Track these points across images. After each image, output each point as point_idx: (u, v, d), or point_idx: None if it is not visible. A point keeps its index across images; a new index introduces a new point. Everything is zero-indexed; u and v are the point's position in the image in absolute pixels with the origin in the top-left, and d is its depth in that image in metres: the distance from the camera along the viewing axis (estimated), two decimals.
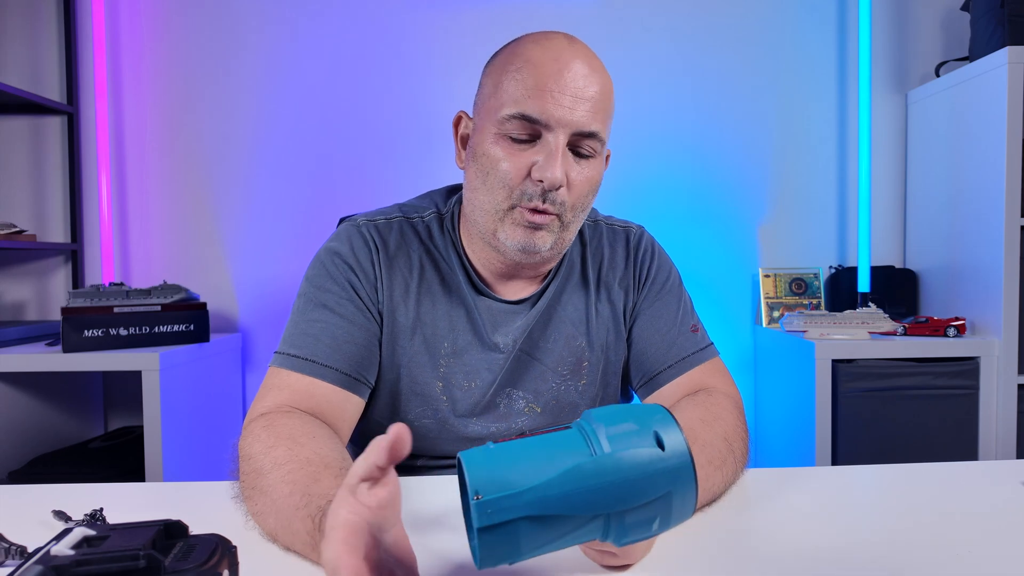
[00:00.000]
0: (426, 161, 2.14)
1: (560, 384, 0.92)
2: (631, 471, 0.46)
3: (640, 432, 0.48)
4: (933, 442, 1.80)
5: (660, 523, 0.48)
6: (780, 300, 2.15)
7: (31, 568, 0.40)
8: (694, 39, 2.18)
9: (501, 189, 0.81)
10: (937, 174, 2.05)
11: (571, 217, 0.84)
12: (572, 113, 0.78)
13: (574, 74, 0.79)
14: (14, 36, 2.12)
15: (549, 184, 0.78)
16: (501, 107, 0.80)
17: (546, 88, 0.78)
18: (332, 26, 2.14)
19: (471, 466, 0.46)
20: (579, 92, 0.79)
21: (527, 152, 0.80)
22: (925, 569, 0.57)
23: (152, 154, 2.15)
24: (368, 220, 0.93)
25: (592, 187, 0.84)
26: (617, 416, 0.49)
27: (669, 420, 0.49)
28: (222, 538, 0.46)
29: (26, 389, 1.87)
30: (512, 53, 0.83)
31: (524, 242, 0.82)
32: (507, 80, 0.80)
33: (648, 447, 0.47)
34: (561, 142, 0.79)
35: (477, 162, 0.83)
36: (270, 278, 2.16)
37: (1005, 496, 0.75)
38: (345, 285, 0.87)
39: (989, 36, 1.87)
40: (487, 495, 0.44)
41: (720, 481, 0.73)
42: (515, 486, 0.44)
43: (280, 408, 0.77)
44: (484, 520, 0.43)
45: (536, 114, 0.78)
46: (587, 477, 0.45)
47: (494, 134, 0.81)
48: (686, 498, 0.47)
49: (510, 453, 0.47)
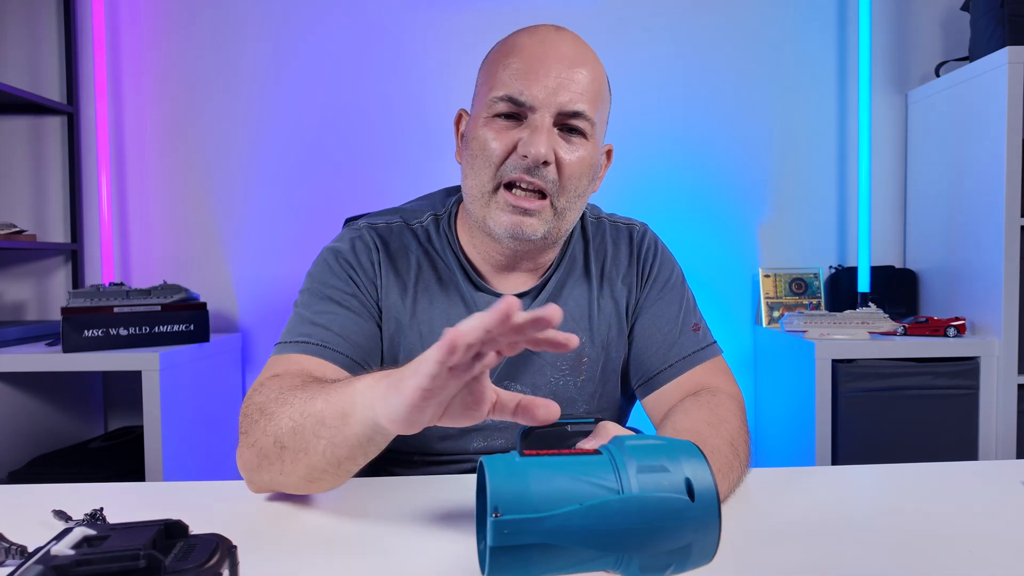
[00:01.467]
0: (426, 160, 2.14)
1: (559, 379, 0.93)
2: (656, 519, 0.45)
3: (671, 475, 0.46)
4: (933, 442, 1.80)
5: (675, 569, 0.47)
6: (780, 300, 2.15)
7: (31, 568, 0.40)
8: (694, 39, 2.17)
9: (487, 169, 0.83)
10: (937, 174, 2.05)
11: (564, 203, 0.84)
12: (557, 94, 0.80)
13: (560, 55, 0.82)
14: (14, 36, 2.12)
15: (533, 159, 0.80)
16: (490, 92, 0.83)
17: (531, 70, 0.81)
18: (332, 25, 2.14)
19: (494, 478, 0.45)
20: (565, 73, 0.81)
21: (514, 131, 0.82)
22: (925, 569, 0.57)
23: (152, 154, 2.14)
24: (369, 224, 0.95)
25: (584, 169, 0.84)
26: (649, 452, 0.48)
27: (702, 465, 0.47)
28: (222, 538, 0.46)
29: (26, 389, 1.87)
30: (502, 45, 0.86)
31: (512, 227, 0.83)
32: (497, 70, 0.83)
33: (677, 494, 0.45)
34: (547, 121, 0.81)
35: (468, 148, 0.86)
36: (270, 278, 2.16)
37: (1005, 496, 0.75)
38: (348, 281, 0.88)
39: (989, 36, 1.87)
40: (506, 514, 0.43)
41: (726, 488, 0.72)
42: (535, 510, 0.43)
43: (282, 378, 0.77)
44: (499, 540, 0.43)
45: (521, 95, 0.80)
46: (610, 516, 0.44)
47: (484, 118, 0.84)
48: (706, 549, 0.46)
49: (535, 472, 0.45)
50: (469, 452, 0.91)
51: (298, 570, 0.58)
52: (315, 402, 0.64)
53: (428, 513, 0.70)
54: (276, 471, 0.68)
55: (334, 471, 0.66)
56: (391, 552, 0.61)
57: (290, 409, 0.66)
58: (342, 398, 0.61)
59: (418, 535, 0.65)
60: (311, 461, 0.65)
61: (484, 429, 0.91)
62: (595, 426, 0.67)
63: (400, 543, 0.63)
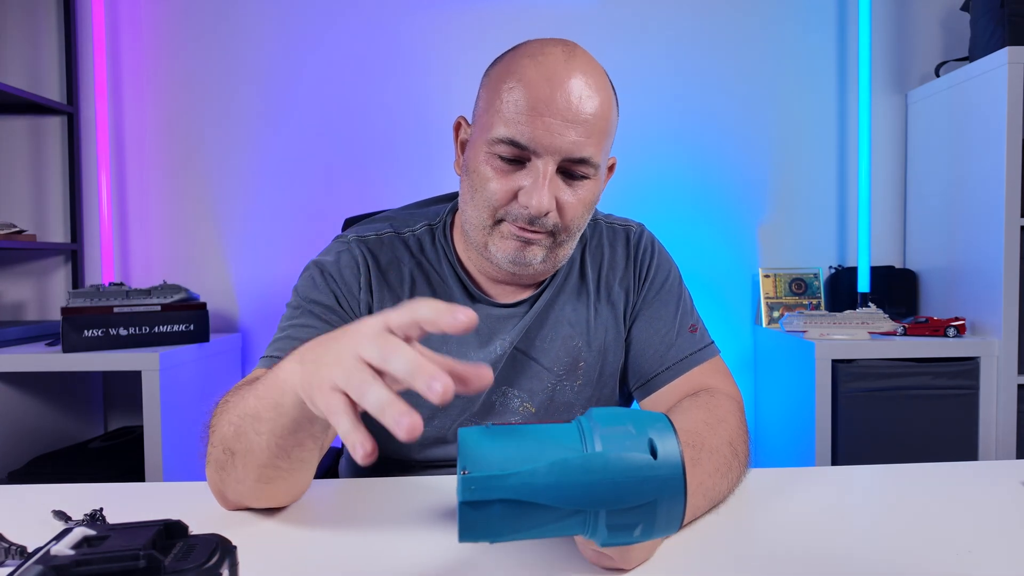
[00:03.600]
0: (426, 163, 2.15)
1: (556, 384, 0.92)
2: (618, 473, 0.46)
3: (635, 436, 0.48)
4: (933, 442, 1.80)
5: (643, 530, 0.48)
6: (780, 300, 2.15)
7: (31, 568, 0.40)
8: (694, 39, 2.18)
9: (487, 208, 0.82)
10: (937, 174, 2.05)
11: (565, 236, 0.84)
12: (562, 139, 0.77)
13: (567, 95, 0.77)
14: (14, 36, 2.12)
15: (535, 211, 0.78)
16: (492, 126, 0.79)
17: (536, 112, 0.77)
18: (332, 25, 2.14)
19: (465, 442, 0.47)
20: (572, 115, 0.77)
21: (515, 175, 0.80)
22: (925, 569, 0.57)
23: (152, 154, 2.15)
24: (358, 237, 0.93)
25: (586, 207, 0.84)
26: (616, 418, 0.49)
27: (667, 429, 0.49)
28: (222, 538, 0.46)
29: (26, 389, 1.87)
30: (507, 67, 0.81)
31: (515, 255, 0.83)
32: (500, 97, 0.79)
33: (640, 452, 0.47)
34: (550, 169, 0.78)
35: (469, 177, 0.84)
36: (270, 278, 2.16)
37: (1005, 496, 0.75)
38: (330, 295, 0.88)
39: (989, 36, 1.87)
40: (474, 472, 0.45)
41: (726, 488, 0.72)
42: (502, 468, 0.45)
43: None
44: (467, 495, 0.45)
45: (524, 140, 0.77)
46: (573, 472, 0.46)
47: (485, 152, 0.81)
48: (672, 510, 0.47)
49: (505, 437, 0.48)
50: None
51: (298, 570, 0.58)
52: (247, 401, 0.64)
53: (427, 513, 0.70)
54: (233, 480, 0.67)
55: (286, 465, 0.65)
56: (390, 552, 0.61)
57: (228, 415, 0.67)
58: (269, 389, 0.61)
59: (418, 535, 0.65)
60: (259, 460, 0.64)
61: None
62: None
63: (400, 543, 0.63)
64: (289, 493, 0.70)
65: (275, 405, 0.60)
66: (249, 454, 0.64)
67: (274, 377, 0.60)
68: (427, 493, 0.77)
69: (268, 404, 0.61)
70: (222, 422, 0.67)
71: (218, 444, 0.67)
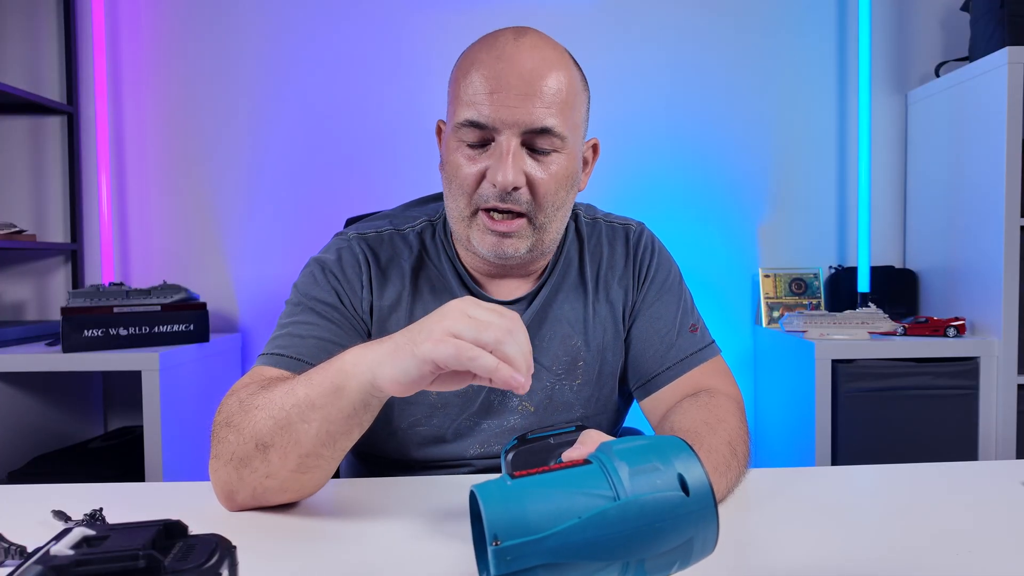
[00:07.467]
0: (426, 162, 2.14)
1: (555, 383, 0.92)
2: (655, 519, 0.45)
3: (663, 472, 0.46)
4: (933, 442, 1.80)
5: (679, 565, 0.47)
6: (780, 300, 2.15)
7: (31, 568, 0.40)
8: (694, 39, 2.17)
9: (462, 196, 0.83)
10: (937, 174, 2.05)
11: (544, 218, 0.83)
12: (518, 112, 0.78)
13: (519, 70, 0.78)
14: (14, 36, 2.12)
15: (501, 187, 0.79)
16: (456, 114, 0.82)
17: (491, 89, 0.78)
18: (332, 25, 2.14)
19: (489, 506, 0.44)
20: (526, 87, 0.78)
21: (482, 156, 0.81)
22: (925, 569, 0.57)
23: (152, 154, 2.15)
24: (359, 235, 0.93)
25: (560, 182, 0.83)
26: (639, 454, 0.48)
27: (692, 458, 0.47)
28: (222, 538, 0.46)
29: (26, 389, 1.87)
30: (464, 59, 0.84)
31: (495, 249, 0.83)
32: (459, 88, 0.82)
33: (672, 491, 0.46)
34: (513, 144, 0.79)
35: (444, 170, 0.85)
36: (270, 278, 2.16)
37: (1005, 496, 0.75)
38: (331, 292, 0.88)
39: (989, 36, 1.87)
40: (506, 540, 0.42)
41: (724, 487, 0.72)
42: (535, 531, 0.43)
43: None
44: (503, 568, 0.42)
45: (483, 119, 0.79)
46: (610, 524, 0.44)
47: (454, 142, 0.83)
48: (707, 541, 0.47)
49: (529, 492, 0.45)
50: (467, 457, 0.91)
51: (298, 570, 0.58)
52: (295, 392, 0.67)
53: (428, 513, 0.70)
54: (261, 474, 0.68)
55: (328, 453, 0.68)
56: (391, 552, 0.61)
57: (265, 410, 0.68)
58: (328, 376, 0.65)
59: (418, 535, 0.65)
60: (303, 450, 0.67)
61: (479, 435, 0.91)
62: (578, 434, 0.67)
63: (400, 543, 0.63)
64: (317, 485, 0.72)
65: (334, 390, 0.64)
66: (293, 444, 0.66)
67: (335, 365, 0.65)
68: (427, 493, 0.77)
69: (325, 390, 0.65)
70: (254, 418, 0.68)
71: (248, 440, 0.68)
